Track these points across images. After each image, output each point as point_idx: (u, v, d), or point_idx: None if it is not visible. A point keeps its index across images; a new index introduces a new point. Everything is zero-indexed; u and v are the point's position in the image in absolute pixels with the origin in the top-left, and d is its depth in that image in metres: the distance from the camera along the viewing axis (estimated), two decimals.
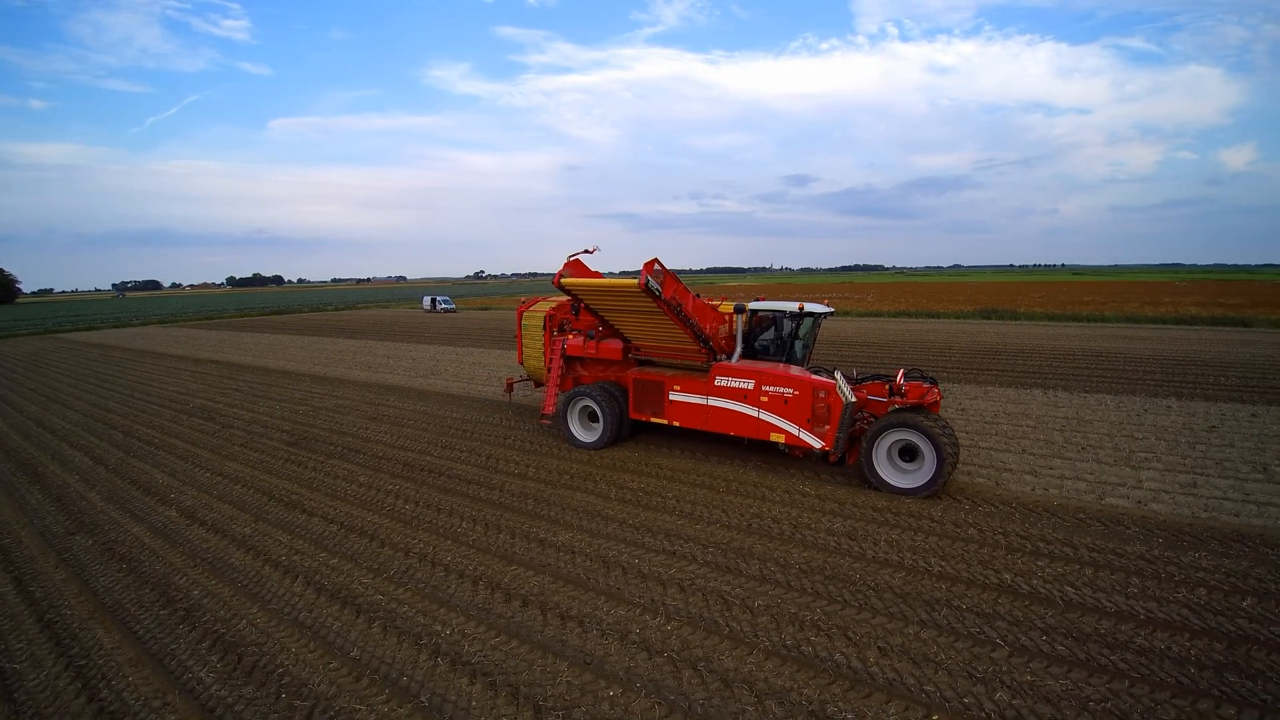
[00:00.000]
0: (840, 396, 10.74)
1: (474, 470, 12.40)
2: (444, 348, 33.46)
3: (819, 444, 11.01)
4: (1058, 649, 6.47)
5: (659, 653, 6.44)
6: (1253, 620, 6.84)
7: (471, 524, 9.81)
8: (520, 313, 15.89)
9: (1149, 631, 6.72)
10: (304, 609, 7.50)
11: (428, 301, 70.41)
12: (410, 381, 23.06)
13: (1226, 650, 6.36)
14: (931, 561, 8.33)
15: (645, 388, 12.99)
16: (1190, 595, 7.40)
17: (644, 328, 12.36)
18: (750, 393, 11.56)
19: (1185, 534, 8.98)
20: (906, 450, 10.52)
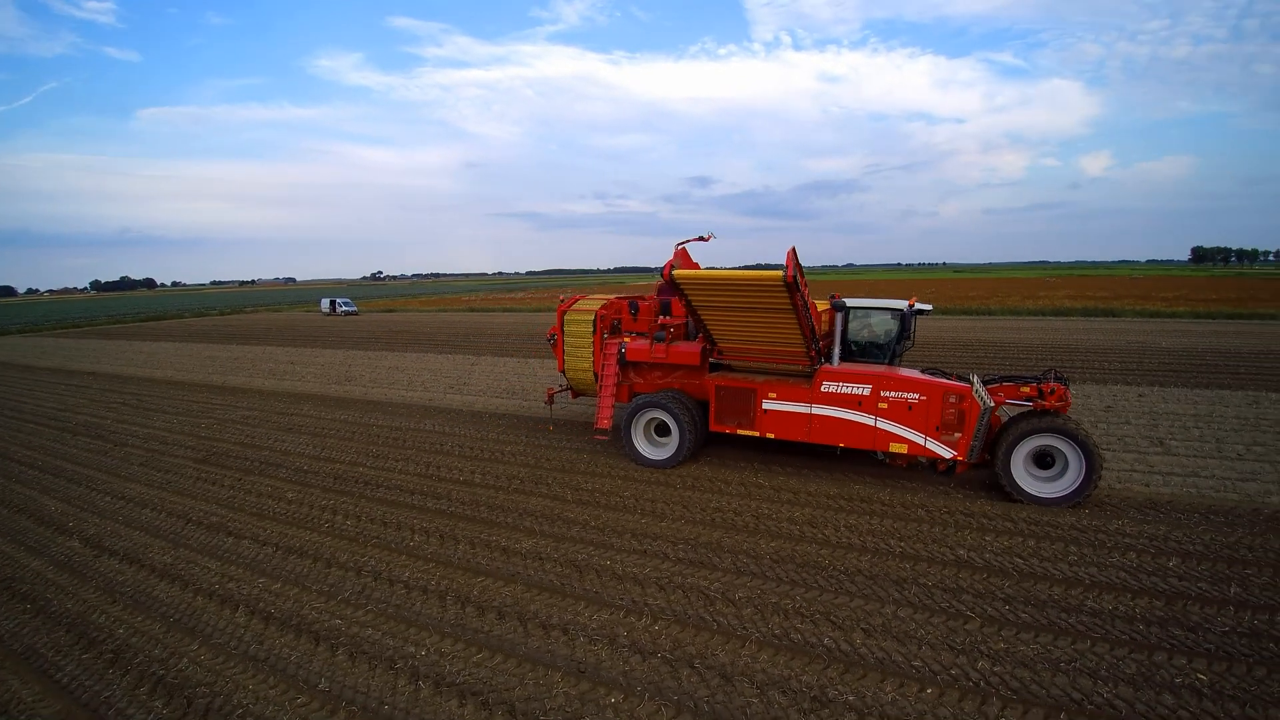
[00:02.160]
0: (977, 401, 9.90)
1: (415, 480, 11.80)
2: (354, 352, 31.77)
3: (950, 453, 10.11)
4: (1021, 616, 6.87)
5: (652, 654, 6.33)
6: (1181, 579, 7.53)
7: (425, 536, 9.31)
8: (561, 312, 13.66)
9: (1096, 594, 7.26)
10: (252, 641, 6.85)
11: (326, 304, 66.72)
12: (324, 389, 21.72)
13: (1165, 607, 6.96)
14: (892, 543, 8.65)
15: (732, 396, 11.44)
16: (1123, 559, 8.07)
17: (750, 328, 10.77)
18: (866, 399, 10.38)
19: (1106, 504, 9.79)
20: (1041, 456, 9.88)
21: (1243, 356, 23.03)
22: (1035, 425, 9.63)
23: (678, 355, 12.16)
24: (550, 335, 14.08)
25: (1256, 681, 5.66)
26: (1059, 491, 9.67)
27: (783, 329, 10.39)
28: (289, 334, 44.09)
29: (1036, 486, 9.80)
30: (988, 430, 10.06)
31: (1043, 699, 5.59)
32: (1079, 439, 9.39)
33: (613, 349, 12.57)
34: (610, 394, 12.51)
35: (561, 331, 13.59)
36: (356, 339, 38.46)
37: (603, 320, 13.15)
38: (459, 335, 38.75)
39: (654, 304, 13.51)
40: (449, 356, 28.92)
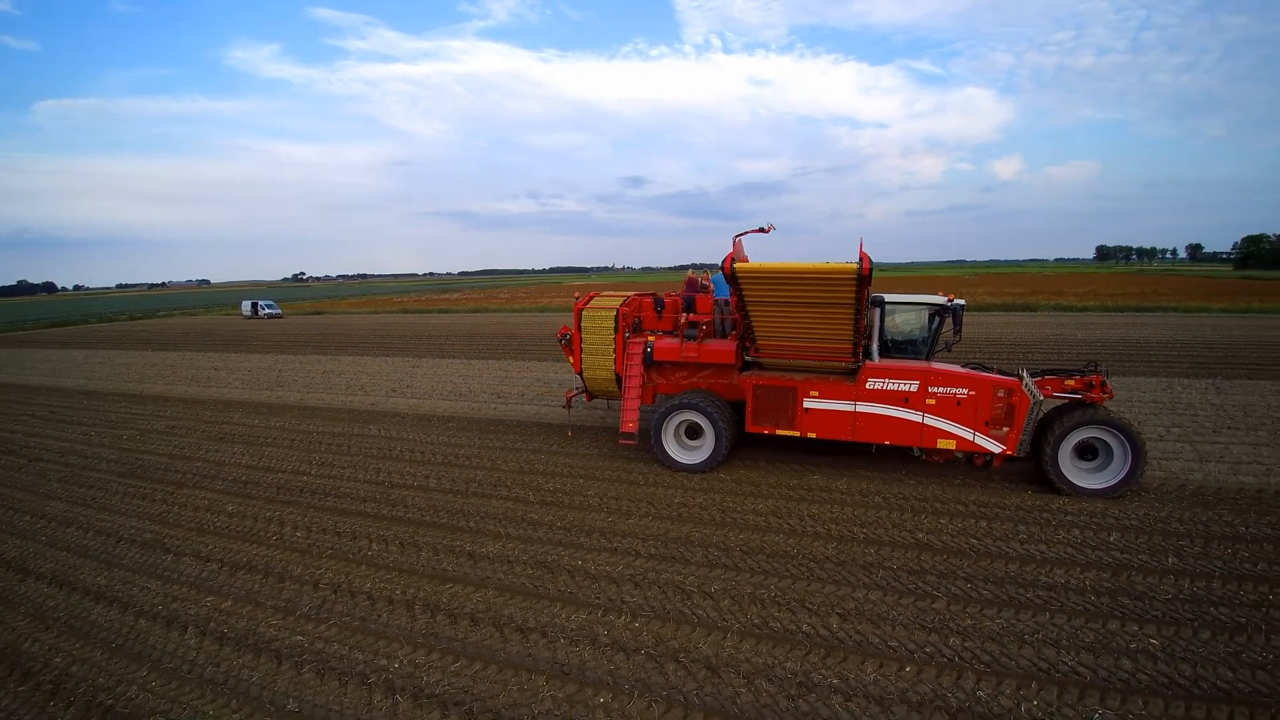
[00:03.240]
0: (1027, 395, 9.82)
1: (365, 487, 11.35)
2: (282, 356, 30.35)
3: (999, 448, 10.03)
4: (983, 594, 7.18)
5: (636, 651, 6.28)
6: (1123, 551, 8.02)
7: (384, 545, 8.96)
8: (579, 310, 12.87)
9: (1048, 569, 7.66)
10: (207, 663, 6.42)
11: (248, 306, 63.46)
12: (254, 395, 20.65)
13: (1112, 578, 7.41)
14: (855, 530, 8.89)
15: (771, 395, 11.01)
16: (1068, 535, 8.54)
17: (800, 324, 10.28)
18: (913, 395, 10.19)
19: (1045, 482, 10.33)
20: (1084, 448, 9.90)
21: (1152, 346, 24.80)
22: (1084, 418, 9.64)
23: (711, 354, 11.68)
24: (562, 334, 13.46)
25: (1203, 644, 6.09)
26: (1104, 483, 9.74)
27: (836, 324, 10.04)
28: (209, 338, 41.73)
29: (1082, 478, 9.85)
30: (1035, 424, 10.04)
31: (1013, 670, 5.86)
32: (1128, 431, 9.49)
33: (636, 348, 12.02)
34: (636, 395, 11.97)
35: (579, 330, 12.84)
36: (284, 343, 36.77)
37: (624, 318, 12.50)
38: (395, 337, 37.60)
39: (677, 301, 13.03)
40: (387, 359, 28.02)
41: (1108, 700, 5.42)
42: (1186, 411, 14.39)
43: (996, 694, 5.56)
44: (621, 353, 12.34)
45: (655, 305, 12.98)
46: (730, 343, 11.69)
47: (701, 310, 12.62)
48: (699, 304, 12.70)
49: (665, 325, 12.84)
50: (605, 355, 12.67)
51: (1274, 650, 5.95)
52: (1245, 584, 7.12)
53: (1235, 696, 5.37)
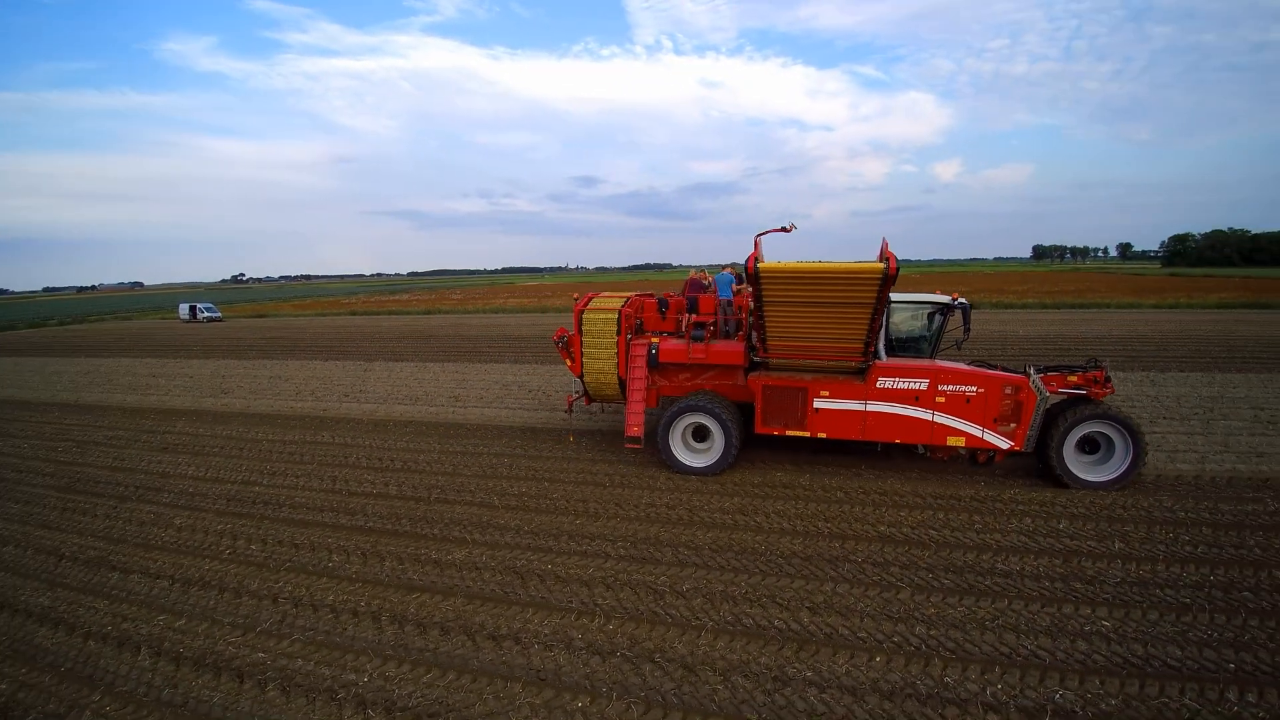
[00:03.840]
0: (1034, 392, 9.96)
1: (322, 496, 11.02)
2: (225, 361, 29.20)
3: (1007, 444, 10.15)
4: (944, 583, 7.41)
5: (611, 653, 6.27)
6: (1073, 538, 8.39)
7: (345, 555, 8.72)
8: (579, 311, 12.47)
9: (1004, 557, 7.95)
10: (164, 685, 6.14)
11: (186, 310, 60.81)
12: (197, 403, 19.82)
13: (1064, 564, 7.74)
14: (820, 524, 9.06)
15: (781, 396, 10.88)
16: (1020, 524, 8.88)
17: (815, 323, 10.12)
18: (924, 394, 10.23)
19: (996, 475, 10.76)
20: (1086, 442, 10.10)
21: (1089, 341, 26.03)
22: (1088, 412, 9.83)
23: (719, 355, 11.53)
24: (559, 337, 13.03)
25: (1151, 624, 6.42)
26: (1107, 475, 9.96)
27: (851, 324, 9.91)
28: (146, 344, 39.85)
29: (1086, 471, 10.05)
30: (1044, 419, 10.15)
31: (977, 655, 6.07)
32: (1129, 425, 9.75)
33: (641, 350, 11.78)
34: (640, 398, 11.74)
35: (579, 332, 12.42)
36: (226, 347, 35.39)
37: (626, 319, 12.21)
38: (345, 340, 36.61)
39: (680, 302, 12.84)
40: (338, 363, 27.24)
41: (1067, 681, 5.66)
42: (1124, 403, 15.10)
43: (963, 679, 5.74)
44: (624, 355, 12.09)
45: (659, 306, 12.76)
46: (738, 343, 11.63)
47: (704, 311, 12.49)
48: (702, 304, 12.56)
49: (667, 326, 12.67)
50: (608, 358, 12.34)
51: (1218, 628, 6.31)
52: (1188, 566, 7.53)
53: (1185, 673, 5.68)
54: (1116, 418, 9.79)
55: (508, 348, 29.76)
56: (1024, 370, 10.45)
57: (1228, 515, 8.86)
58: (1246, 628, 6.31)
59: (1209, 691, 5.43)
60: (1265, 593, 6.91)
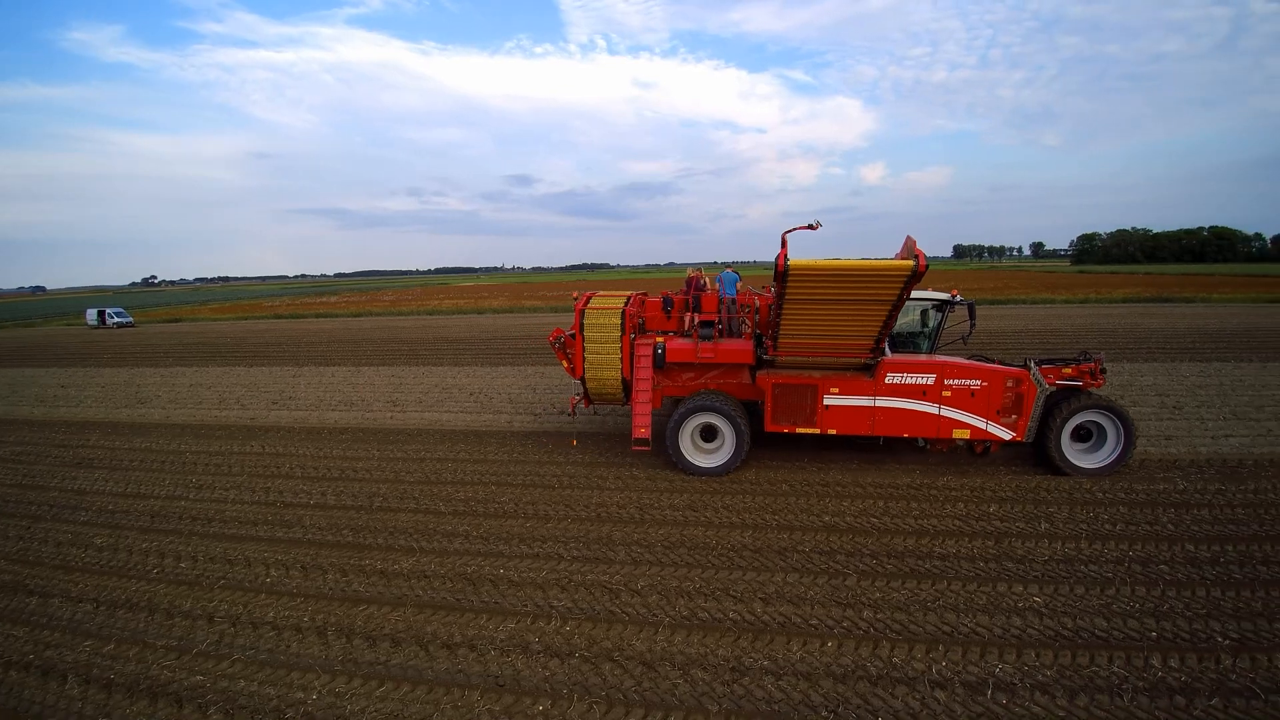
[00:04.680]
0: (1034, 384, 10.27)
1: (255, 509, 10.52)
2: (140, 369, 27.44)
3: (1009, 435, 10.41)
4: (888, 568, 7.72)
5: (569, 655, 6.24)
6: (1003, 520, 8.88)
7: (284, 570, 8.36)
8: (580, 310, 11.93)
9: (940, 541, 8.33)
10: (96, 714, 5.75)
11: (94, 315, 56.78)
12: (112, 414, 18.56)
13: (995, 545, 8.17)
14: (767, 517, 9.27)
15: (791, 394, 10.84)
16: (954, 509, 9.33)
17: (831, 321, 10.02)
18: (930, 388, 10.40)
19: (931, 463, 11.24)
20: (1078, 430, 10.44)
21: (1008, 335, 27.50)
22: (1084, 402, 10.18)
23: (728, 354, 11.37)
24: (556, 338, 12.53)
25: (1078, 599, 6.87)
26: (1100, 462, 10.39)
27: (867, 321, 9.90)
28: (52, 352, 37.01)
29: (1081, 459, 10.44)
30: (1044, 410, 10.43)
31: (921, 636, 6.35)
32: (1122, 414, 10.20)
33: (646, 349, 11.50)
34: (647, 399, 11.41)
35: (580, 332, 11.88)
36: (141, 354, 33.28)
37: (630, 319, 11.86)
38: (270, 345, 34.99)
39: (682, 300, 12.65)
40: (264, 369, 26.02)
41: (1005, 656, 5.98)
42: None
43: (909, 659, 6.00)
44: (628, 355, 11.77)
45: (664, 305, 12.54)
46: (746, 342, 11.53)
47: (707, 309, 12.36)
48: (704, 303, 12.41)
49: (670, 325, 12.46)
50: (612, 358, 11.85)
51: (1139, 600, 6.81)
52: (1108, 543, 8.07)
53: (1111, 643, 6.10)
54: (1111, 407, 10.22)
55: (446, 350, 29.11)
56: (1024, 364, 10.78)
57: (1141, 494, 9.55)
58: (1165, 598, 6.83)
59: (1134, 659, 5.85)
60: (1179, 565, 7.49)
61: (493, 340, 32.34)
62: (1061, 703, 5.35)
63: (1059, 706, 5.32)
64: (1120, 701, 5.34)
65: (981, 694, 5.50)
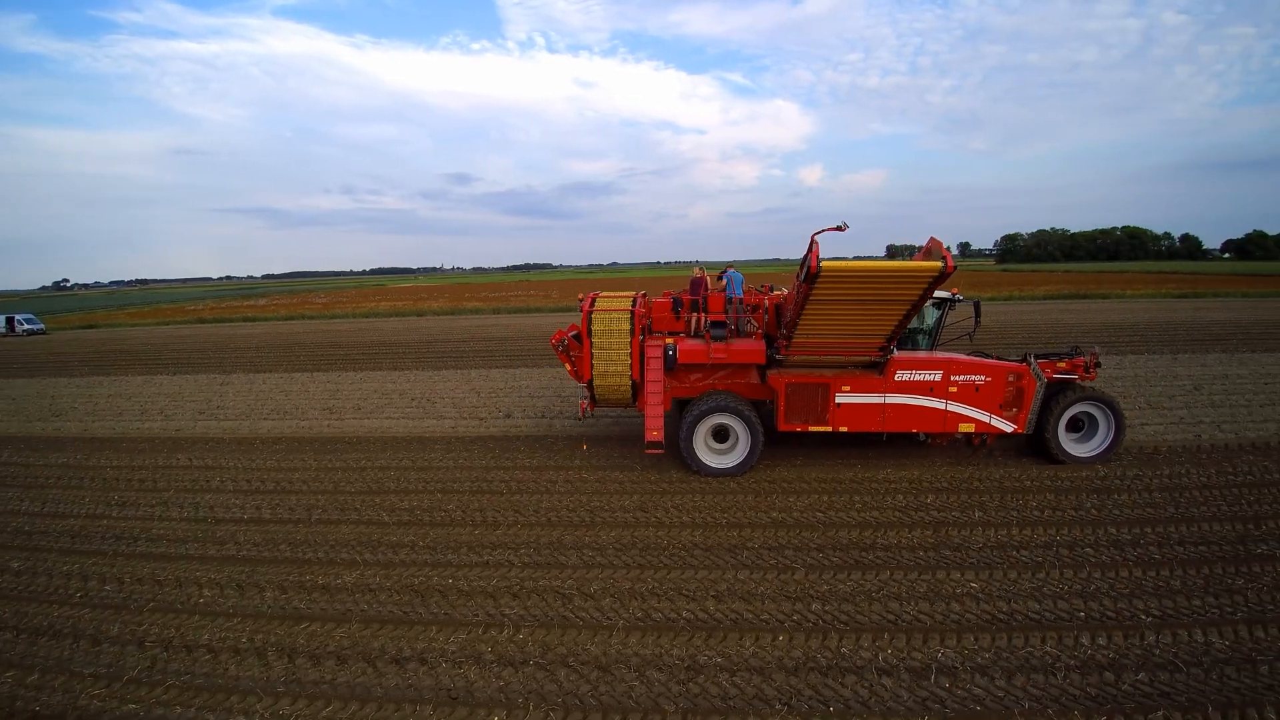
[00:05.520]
0: (1035, 378, 10.66)
1: (183, 526, 10.01)
2: (54, 379, 25.63)
3: (1011, 427, 10.78)
4: (833, 560, 7.93)
5: (524, 663, 6.17)
6: (940, 510, 9.26)
7: (218, 589, 7.97)
8: (587, 312, 11.60)
9: (882, 533, 8.63)
10: None
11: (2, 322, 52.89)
12: (23, 428, 17.32)
13: (934, 534, 8.51)
14: (717, 515, 9.39)
15: (804, 392, 10.91)
16: (894, 501, 9.68)
17: (849, 320, 10.11)
18: (937, 384, 10.68)
19: (870, 456, 11.60)
20: (1071, 421, 10.87)
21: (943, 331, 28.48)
22: (1079, 395, 10.64)
23: (740, 354, 11.36)
24: (559, 340, 12.25)
25: (1012, 582, 7.23)
26: (1093, 450, 10.87)
27: (883, 320, 10.08)
28: None
29: (1075, 448, 10.88)
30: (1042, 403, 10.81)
31: (867, 625, 6.56)
32: (1113, 405, 10.68)
33: (656, 351, 11.33)
34: (659, 400, 11.24)
35: (588, 334, 11.59)
36: (54, 364, 31.15)
37: (639, 319, 11.63)
38: (195, 351, 33.29)
39: (690, 301, 12.44)
40: (189, 377, 24.72)
41: (946, 641, 6.23)
42: None
43: (857, 649, 6.19)
44: (637, 356, 11.56)
45: (674, 306, 12.41)
46: (757, 342, 11.51)
47: (713, 309, 12.25)
48: (710, 303, 12.28)
49: (676, 326, 12.35)
50: (621, 360, 11.61)
51: (1067, 582, 7.20)
52: (1038, 529, 8.52)
53: (1043, 624, 6.44)
54: (1104, 399, 10.72)
55: (384, 353, 28.32)
56: (1023, 358, 11.15)
57: (1065, 481, 10.11)
58: (1091, 579, 7.24)
59: (1065, 639, 6.18)
60: (1103, 548, 7.97)
61: (433, 343, 31.66)
62: (1000, 683, 5.61)
63: (997, 687, 5.57)
64: (1054, 680, 5.63)
65: (925, 679, 5.71)
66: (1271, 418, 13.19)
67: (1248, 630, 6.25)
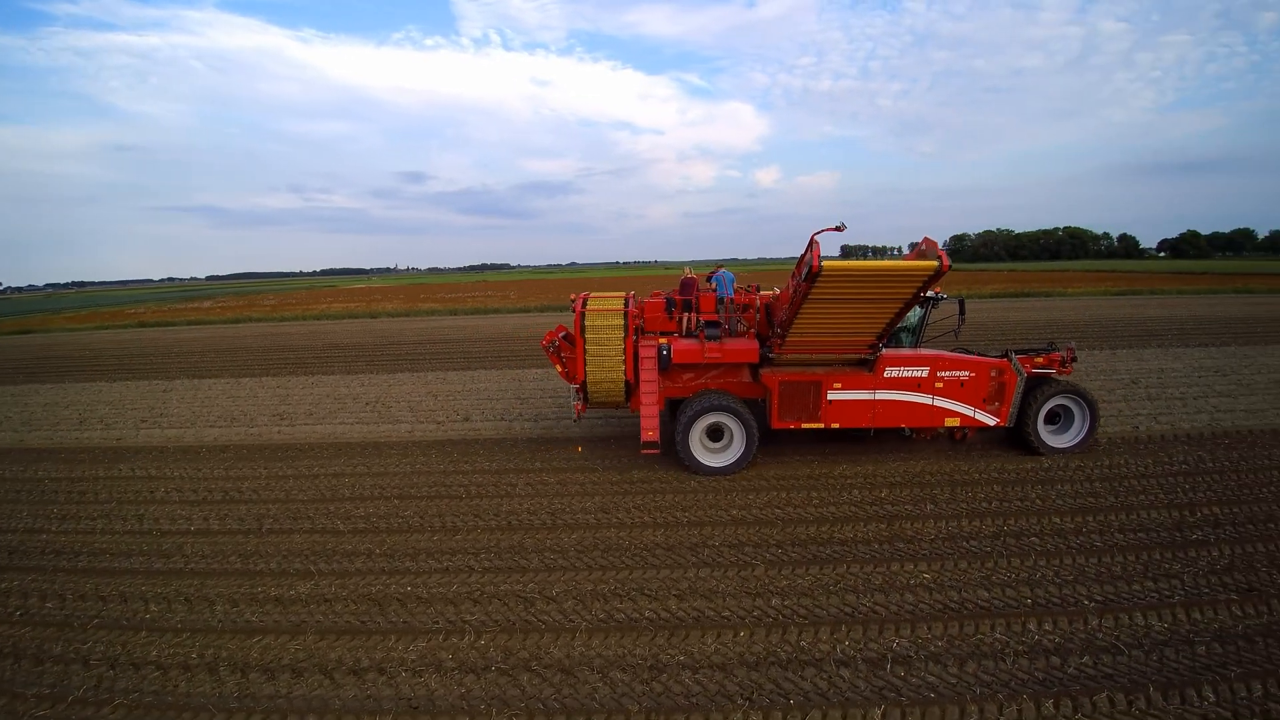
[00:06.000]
0: (1016, 373, 11.03)
1: (127, 539, 9.62)
2: None
3: (993, 421, 11.14)
4: (792, 555, 8.09)
5: (486, 669, 6.12)
6: (893, 504, 9.53)
7: (165, 604, 7.70)
8: (579, 312, 11.61)
9: (839, 526, 8.84)
10: None
11: None
12: None
13: (888, 527, 8.74)
14: (678, 514, 9.47)
15: (797, 391, 11.08)
16: (850, 496, 9.92)
17: (843, 318, 10.28)
18: (924, 380, 10.97)
19: (827, 452, 11.83)
20: (1049, 415, 11.31)
21: None
22: (1057, 388, 11.12)
23: (734, 353, 11.44)
24: (549, 341, 12.18)
25: (962, 572, 7.49)
26: (1070, 441, 11.38)
27: (876, 318, 10.29)
28: None
29: (1053, 439, 11.36)
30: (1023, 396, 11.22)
31: (825, 618, 6.71)
32: (1088, 398, 11.19)
33: (650, 350, 11.42)
34: (654, 400, 11.30)
35: (580, 334, 11.60)
36: None
37: (633, 319, 11.71)
38: (135, 357, 31.97)
39: (683, 301, 12.39)
40: (130, 384, 23.74)
41: (901, 631, 6.43)
42: None
43: (815, 642, 6.33)
44: (631, 357, 11.60)
45: (668, 306, 12.36)
46: (750, 341, 11.62)
47: (704, 309, 12.30)
48: (702, 303, 12.30)
49: (670, 326, 12.31)
50: (615, 360, 11.65)
51: (1014, 570, 7.50)
52: (986, 519, 8.83)
53: (993, 611, 6.69)
54: (1080, 392, 11.23)
55: (336, 357, 27.65)
56: (1004, 354, 11.53)
57: (1011, 473, 10.51)
58: (1036, 567, 7.56)
59: (1013, 625, 6.44)
60: (1048, 536, 8.31)
61: (388, 345, 31.03)
62: (952, 670, 5.80)
63: (950, 674, 5.76)
64: (1003, 665, 5.85)
65: (882, 669, 5.87)
66: (1204, 409, 13.92)
67: (1185, 613, 6.59)
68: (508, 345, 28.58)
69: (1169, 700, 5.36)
